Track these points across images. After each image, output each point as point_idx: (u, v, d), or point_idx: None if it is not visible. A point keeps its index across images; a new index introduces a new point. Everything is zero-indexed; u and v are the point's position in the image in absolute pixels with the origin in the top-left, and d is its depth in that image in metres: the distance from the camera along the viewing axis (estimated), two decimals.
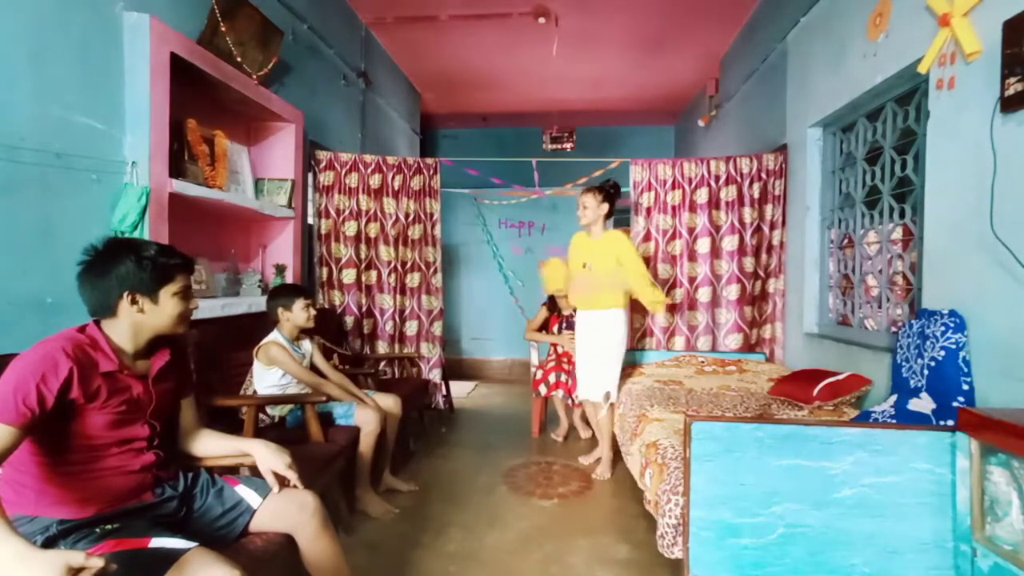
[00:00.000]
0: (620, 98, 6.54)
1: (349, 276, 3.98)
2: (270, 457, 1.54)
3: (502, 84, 6.06)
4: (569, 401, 3.78)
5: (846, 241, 3.20)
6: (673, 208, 3.90)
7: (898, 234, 2.71)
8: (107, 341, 1.32)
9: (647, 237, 3.91)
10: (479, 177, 5.10)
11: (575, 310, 4.05)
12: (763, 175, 3.80)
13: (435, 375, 4.27)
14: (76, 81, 2.00)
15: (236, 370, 2.62)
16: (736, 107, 4.92)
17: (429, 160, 4.21)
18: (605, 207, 3.13)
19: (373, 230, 4.06)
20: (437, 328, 4.24)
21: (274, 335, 2.57)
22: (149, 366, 1.41)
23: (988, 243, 1.92)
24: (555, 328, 4.02)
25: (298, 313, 2.59)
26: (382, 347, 4.09)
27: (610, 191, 3.15)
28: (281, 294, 2.63)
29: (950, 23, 2.07)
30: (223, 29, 2.66)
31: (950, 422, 1.89)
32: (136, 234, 2.13)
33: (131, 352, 1.37)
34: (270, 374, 2.53)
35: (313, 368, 2.70)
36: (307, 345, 2.71)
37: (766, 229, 3.82)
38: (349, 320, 3.97)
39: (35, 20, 1.86)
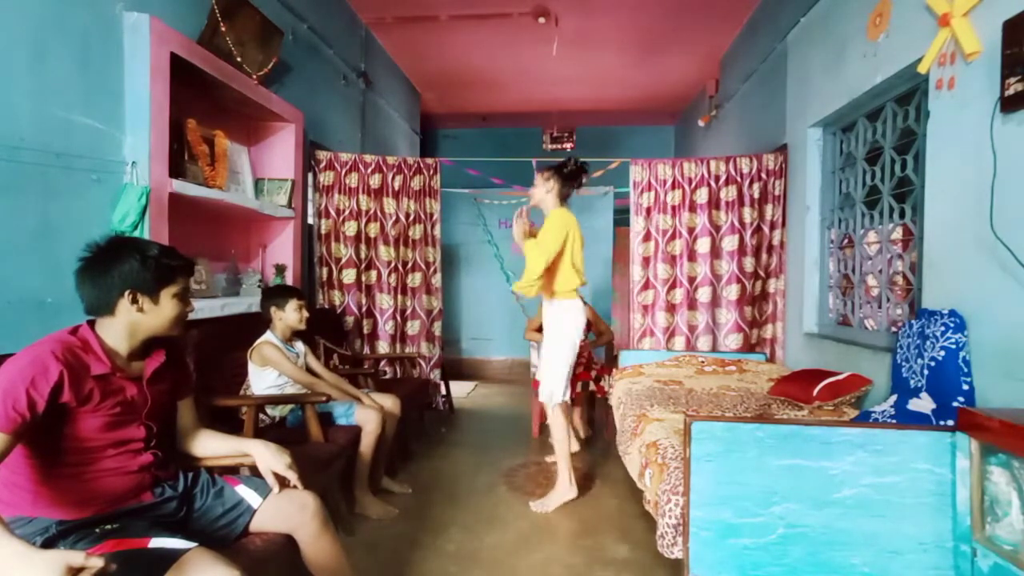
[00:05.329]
0: (620, 98, 6.54)
1: (349, 276, 3.98)
2: (270, 457, 1.54)
3: (502, 84, 6.06)
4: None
5: (846, 241, 3.20)
6: (673, 208, 3.89)
7: (898, 234, 2.71)
8: (100, 343, 1.32)
9: (647, 237, 3.91)
10: (479, 177, 5.10)
11: None
12: (763, 175, 3.80)
13: (436, 375, 4.28)
14: (76, 81, 2.00)
15: (236, 370, 2.61)
16: (736, 107, 4.92)
17: (429, 160, 4.22)
18: (551, 184, 2.77)
19: (373, 230, 4.06)
20: (437, 328, 4.25)
21: (267, 336, 2.57)
22: (143, 368, 1.40)
23: (988, 243, 1.92)
24: None
25: (291, 314, 2.60)
26: (382, 347, 4.09)
27: (562, 169, 2.79)
28: (276, 294, 2.64)
29: (950, 23, 2.07)
30: (223, 29, 2.66)
31: (950, 422, 1.89)
32: (136, 234, 2.12)
33: (125, 354, 1.37)
34: (265, 375, 2.52)
35: (307, 369, 2.70)
36: (300, 346, 2.71)
37: (766, 229, 3.82)
38: (349, 320, 3.97)
39: (35, 20, 1.86)
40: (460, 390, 5.54)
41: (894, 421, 2.16)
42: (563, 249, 2.70)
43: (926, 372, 2.13)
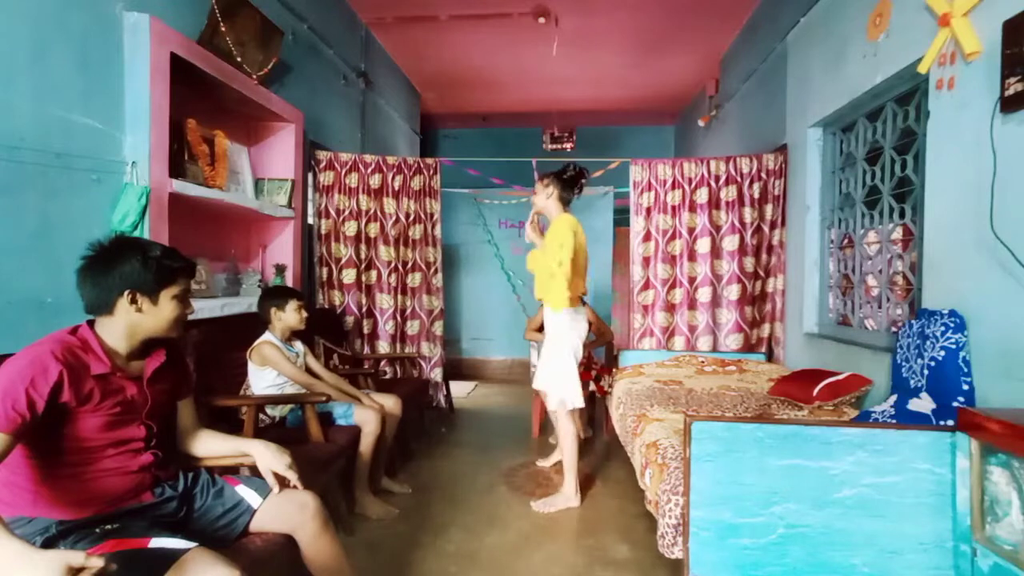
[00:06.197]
0: (620, 98, 6.54)
1: (349, 276, 3.98)
2: (270, 457, 1.54)
3: (502, 84, 6.06)
4: None
5: (846, 241, 3.20)
6: (673, 208, 3.89)
7: (898, 234, 2.71)
8: (100, 343, 1.32)
9: (647, 237, 3.91)
10: (479, 177, 5.10)
11: None
12: (763, 175, 3.80)
13: (436, 375, 4.28)
14: (76, 81, 2.00)
15: (236, 370, 2.61)
16: (736, 107, 4.92)
17: (429, 160, 4.21)
18: (551, 190, 2.81)
19: (373, 230, 4.06)
20: (438, 328, 4.25)
21: (266, 335, 2.57)
22: (143, 367, 1.40)
23: (988, 243, 1.92)
24: None
25: (291, 314, 2.60)
26: (383, 347, 4.09)
27: (562, 175, 2.83)
28: (275, 295, 2.64)
29: (950, 23, 2.07)
30: (223, 29, 2.66)
31: (950, 422, 1.89)
32: (136, 234, 2.12)
33: (125, 354, 1.37)
34: (265, 374, 2.52)
35: (307, 369, 2.70)
36: (299, 345, 2.71)
37: (766, 229, 3.82)
38: (349, 320, 3.97)
39: (35, 20, 1.86)
40: (460, 390, 5.54)
41: (894, 421, 2.16)
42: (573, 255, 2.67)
43: (926, 372, 2.13)
